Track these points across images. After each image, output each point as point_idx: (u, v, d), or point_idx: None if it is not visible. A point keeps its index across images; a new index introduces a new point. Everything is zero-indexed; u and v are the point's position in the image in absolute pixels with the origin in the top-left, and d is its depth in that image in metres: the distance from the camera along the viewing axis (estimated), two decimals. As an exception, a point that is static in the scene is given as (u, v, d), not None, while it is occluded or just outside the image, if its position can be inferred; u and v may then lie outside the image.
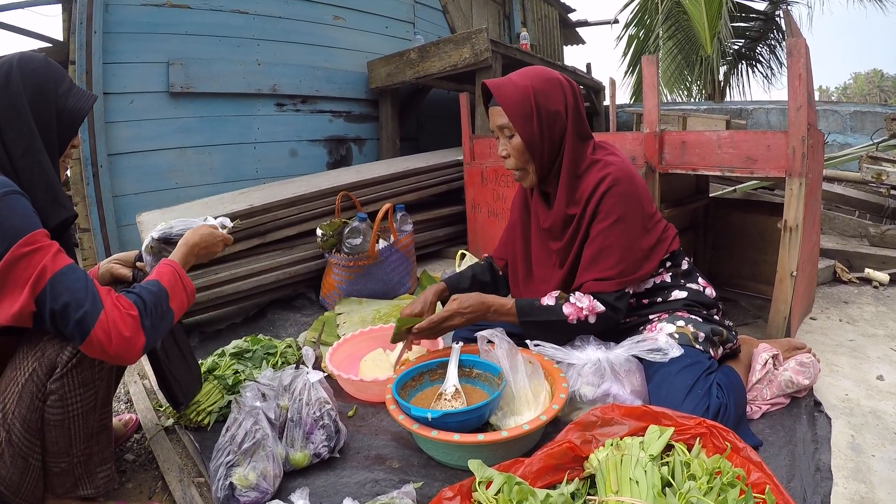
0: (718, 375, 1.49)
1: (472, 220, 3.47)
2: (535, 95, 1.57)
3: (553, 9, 8.02)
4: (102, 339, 1.06)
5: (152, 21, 3.68)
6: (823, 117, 5.70)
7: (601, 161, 1.60)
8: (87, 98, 1.34)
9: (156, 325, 1.18)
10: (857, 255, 3.06)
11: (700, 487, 0.97)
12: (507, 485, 1.02)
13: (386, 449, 1.52)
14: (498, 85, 1.61)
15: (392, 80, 4.66)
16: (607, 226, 1.55)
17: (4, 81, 1.21)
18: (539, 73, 1.62)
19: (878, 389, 1.75)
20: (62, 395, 1.13)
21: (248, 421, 1.34)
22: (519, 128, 1.59)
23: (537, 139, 1.59)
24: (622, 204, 1.54)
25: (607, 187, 1.54)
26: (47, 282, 1.04)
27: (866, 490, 1.28)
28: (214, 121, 4.05)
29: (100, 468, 1.27)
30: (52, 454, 1.18)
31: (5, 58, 1.25)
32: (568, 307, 1.56)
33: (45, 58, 1.31)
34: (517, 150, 1.63)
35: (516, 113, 1.57)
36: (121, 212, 3.51)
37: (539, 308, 1.60)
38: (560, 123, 1.60)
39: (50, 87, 1.27)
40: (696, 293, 1.67)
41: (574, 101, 1.62)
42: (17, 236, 1.04)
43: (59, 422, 1.15)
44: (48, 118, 1.26)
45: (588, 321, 1.56)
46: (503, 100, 1.59)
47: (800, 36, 1.96)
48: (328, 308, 2.69)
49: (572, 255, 1.66)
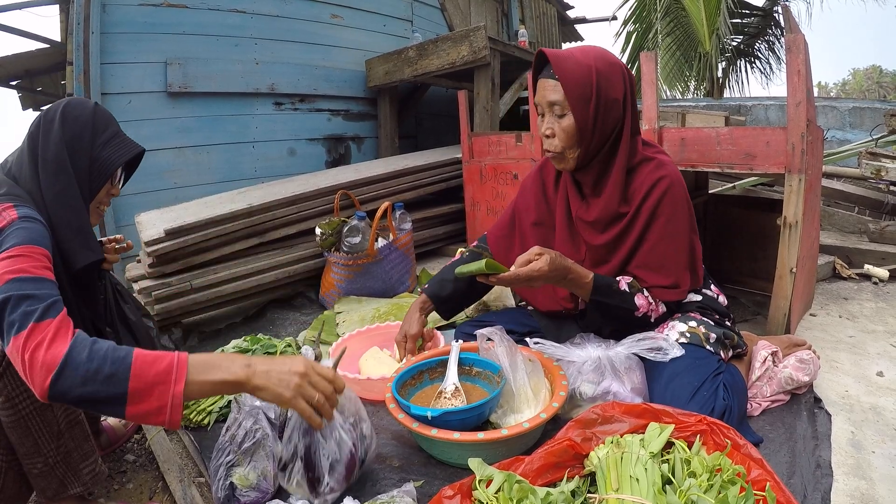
0: (725, 376, 1.48)
1: (472, 218, 3.47)
2: (598, 78, 1.46)
3: (551, 6, 8.00)
4: (13, 354, 0.96)
5: (150, 21, 3.67)
6: (822, 113, 5.70)
7: (655, 160, 1.55)
8: (125, 150, 1.41)
9: (79, 389, 0.94)
10: (857, 251, 3.06)
11: (700, 485, 0.96)
12: (507, 483, 1.02)
13: (386, 447, 1.51)
14: (560, 57, 1.48)
15: (390, 78, 4.65)
16: (673, 231, 1.51)
17: (47, 128, 1.31)
18: (602, 54, 1.52)
19: (878, 386, 1.75)
20: (7, 395, 1.11)
21: (248, 421, 1.34)
22: (574, 108, 1.47)
23: (591, 125, 1.49)
24: (683, 208, 1.52)
25: (666, 189, 1.50)
26: (7, 281, 1.00)
27: (867, 486, 1.28)
28: (213, 120, 4.05)
29: (82, 464, 1.25)
30: (23, 455, 1.17)
31: (57, 104, 1.35)
32: (641, 299, 1.53)
33: (94, 106, 1.39)
34: (566, 132, 1.50)
35: (575, 93, 1.46)
36: (119, 212, 3.51)
37: (616, 291, 1.53)
38: (616, 113, 1.51)
39: (87, 135, 1.34)
40: (710, 299, 1.66)
41: (631, 92, 1.54)
42: (13, 244, 1.06)
43: (14, 423, 1.13)
44: (83, 165, 1.33)
45: (649, 319, 1.55)
46: (564, 76, 1.45)
47: (798, 32, 1.95)
48: (328, 307, 2.69)
49: (621, 254, 1.58)
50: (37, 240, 1.10)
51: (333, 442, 1.23)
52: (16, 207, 1.15)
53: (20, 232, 1.09)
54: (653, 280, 1.55)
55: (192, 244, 2.53)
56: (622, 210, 1.56)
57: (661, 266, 1.54)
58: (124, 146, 1.41)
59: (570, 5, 8.71)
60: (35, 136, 1.30)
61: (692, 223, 1.58)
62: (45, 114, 1.32)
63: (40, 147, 1.29)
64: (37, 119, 1.32)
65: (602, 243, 1.60)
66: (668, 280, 1.54)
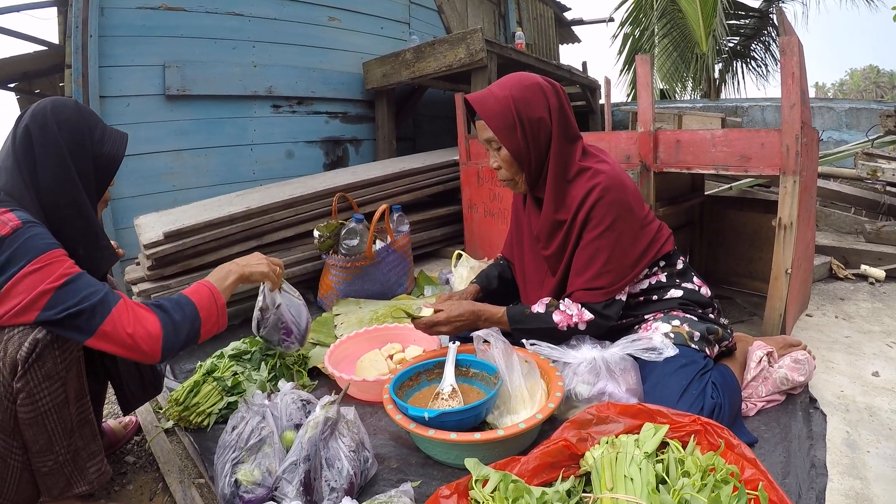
0: (714, 374, 1.50)
1: (469, 220, 3.48)
2: (516, 105, 1.56)
3: (548, 8, 8.02)
4: (111, 332, 1.16)
5: (148, 24, 3.68)
6: (819, 114, 5.72)
7: (591, 169, 1.60)
8: (120, 139, 1.39)
9: (177, 335, 1.26)
10: (853, 251, 3.08)
11: (694, 484, 0.97)
12: (503, 483, 1.03)
13: (384, 448, 1.52)
14: (479, 99, 1.61)
15: (388, 80, 4.67)
16: (598, 234, 1.56)
17: (42, 137, 1.24)
18: (518, 80, 1.61)
19: (873, 386, 1.76)
20: (29, 391, 1.13)
21: (254, 418, 1.35)
22: (504, 140, 1.59)
23: (524, 149, 1.60)
24: (613, 212, 1.55)
25: (598, 197, 1.54)
26: (53, 294, 1.12)
27: (861, 486, 1.29)
28: (211, 123, 4.05)
29: (89, 463, 1.27)
30: (35, 453, 1.18)
31: (38, 109, 1.27)
32: (558, 315, 1.59)
33: (75, 103, 1.34)
34: (506, 162, 1.64)
35: (499, 125, 1.58)
36: (118, 215, 3.51)
37: (530, 316, 1.63)
38: (545, 129, 1.60)
39: (85, 134, 1.31)
40: (692, 292, 1.68)
41: (558, 102, 1.61)
42: (33, 255, 1.12)
43: (32, 419, 1.15)
44: (87, 166, 1.31)
45: (578, 328, 1.58)
46: (486, 114, 1.59)
47: (793, 34, 1.97)
48: (326, 309, 2.69)
49: (564, 263, 1.67)
50: (51, 244, 1.16)
51: (335, 471, 1.26)
52: (12, 211, 1.16)
53: (34, 240, 1.13)
54: (575, 284, 1.61)
55: (191, 247, 2.53)
56: (560, 218, 1.63)
57: (585, 269, 1.59)
58: (116, 136, 1.38)
59: (567, 7, 8.74)
60: (27, 145, 1.24)
61: (634, 219, 1.60)
62: (31, 121, 1.25)
63: (38, 157, 1.23)
64: (23, 129, 1.24)
65: (550, 254, 1.70)
66: (588, 283, 1.58)
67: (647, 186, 2.32)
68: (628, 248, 1.59)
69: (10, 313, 1.10)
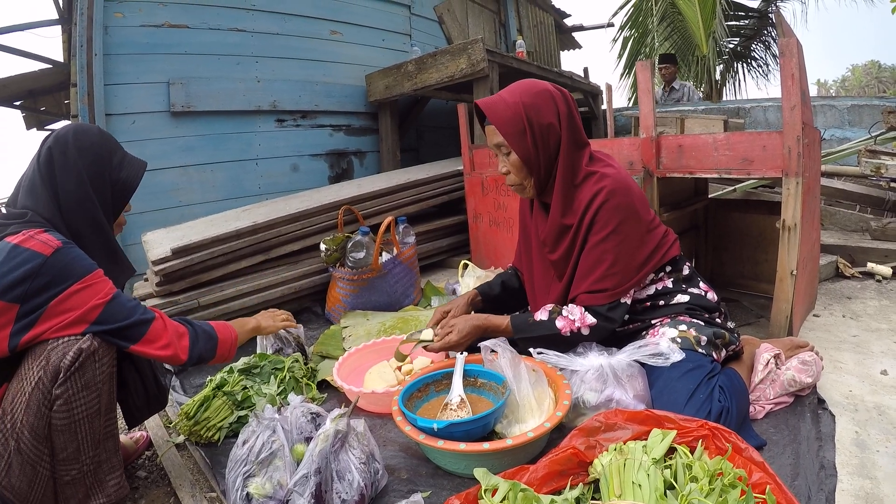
0: (721, 378, 1.50)
1: (474, 230, 3.49)
2: (526, 111, 1.59)
3: (548, 15, 8.05)
4: (153, 339, 1.33)
5: (152, 42, 3.73)
6: (821, 112, 5.70)
7: (598, 173, 1.61)
8: (138, 167, 1.49)
9: (199, 344, 1.47)
10: (860, 249, 3.07)
11: (701, 489, 0.98)
12: (512, 491, 1.04)
13: (394, 459, 1.53)
14: (489, 105, 1.63)
15: (390, 92, 4.70)
16: (603, 237, 1.57)
17: (62, 160, 1.34)
18: (528, 87, 1.63)
19: (882, 384, 1.76)
20: (67, 398, 1.18)
21: (265, 432, 1.37)
22: (514, 145, 1.61)
23: (533, 154, 1.62)
24: (618, 215, 1.56)
25: (603, 200, 1.56)
26: (103, 308, 1.25)
27: (871, 486, 1.28)
28: (216, 138, 4.10)
29: (109, 476, 1.29)
30: (62, 461, 1.20)
31: (62, 134, 1.37)
32: (560, 320, 1.60)
33: (98, 130, 1.44)
34: (515, 167, 1.65)
35: (510, 131, 1.60)
36: (126, 231, 3.53)
37: (533, 324, 1.64)
38: (554, 135, 1.62)
39: (105, 160, 1.41)
40: (698, 297, 1.68)
41: (567, 109, 1.63)
42: (80, 275, 1.22)
43: (65, 426, 1.18)
44: (105, 191, 1.40)
45: (581, 333, 1.59)
46: (496, 119, 1.61)
47: (791, 35, 1.98)
48: (334, 322, 2.71)
49: (570, 267, 1.67)
50: (92, 264, 1.27)
51: (346, 483, 1.27)
52: (48, 232, 1.24)
53: (78, 261, 1.24)
54: (580, 287, 1.62)
55: (199, 262, 2.56)
56: (567, 223, 1.64)
57: (590, 272, 1.60)
58: (135, 163, 1.48)
59: (567, 13, 8.76)
60: (49, 168, 1.33)
61: (639, 224, 1.61)
62: (54, 144, 1.35)
63: (58, 179, 1.32)
64: (46, 151, 1.34)
65: (557, 258, 1.71)
66: (592, 285, 1.59)
67: (651, 192, 2.33)
68: (634, 252, 1.60)
69: (55, 327, 1.19)
